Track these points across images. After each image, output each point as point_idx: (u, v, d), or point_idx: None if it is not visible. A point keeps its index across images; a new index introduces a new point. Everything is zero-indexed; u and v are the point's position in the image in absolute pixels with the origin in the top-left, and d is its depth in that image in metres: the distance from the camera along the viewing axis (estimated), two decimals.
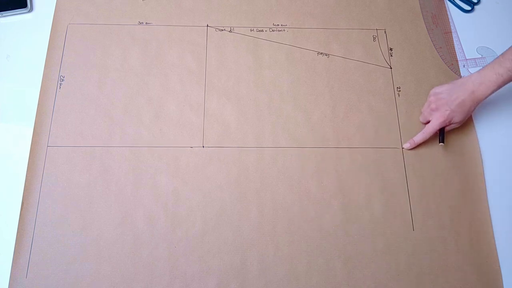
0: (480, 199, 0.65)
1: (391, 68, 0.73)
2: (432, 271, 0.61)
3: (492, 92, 0.62)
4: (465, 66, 0.74)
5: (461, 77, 0.73)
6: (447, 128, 0.67)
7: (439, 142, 0.66)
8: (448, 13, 0.79)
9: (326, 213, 0.64)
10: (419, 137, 0.67)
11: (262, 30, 0.75)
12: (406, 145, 0.68)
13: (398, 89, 0.72)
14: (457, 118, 0.65)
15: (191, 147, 0.67)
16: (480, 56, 0.75)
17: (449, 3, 0.80)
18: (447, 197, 0.65)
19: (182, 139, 0.67)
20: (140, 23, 0.75)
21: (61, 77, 0.70)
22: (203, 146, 0.67)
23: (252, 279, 0.60)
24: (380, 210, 0.64)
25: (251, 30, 0.75)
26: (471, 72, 0.74)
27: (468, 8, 0.79)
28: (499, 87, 0.62)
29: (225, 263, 0.61)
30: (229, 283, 0.60)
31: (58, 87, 0.69)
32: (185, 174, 0.65)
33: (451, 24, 0.78)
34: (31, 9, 0.76)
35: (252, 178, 0.65)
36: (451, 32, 0.77)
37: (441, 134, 0.66)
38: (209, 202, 0.64)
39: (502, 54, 0.61)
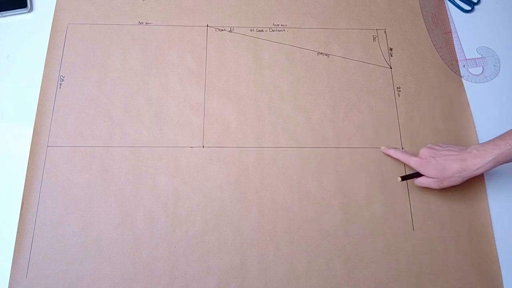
0: (480, 199, 0.65)
1: (391, 68, 0.73)
2: (432, 271, 0.61)
3: (486, 167, 0.56)
4: (465, 66, 0.74)
5: (461, 77, 0.73)
6: (418, 181, 0.63)
7: (399, 176, 0.63)
8: (448, 13, 0.79)
9: (326, 213, 0.64)
10: (393, 153, 0.66)
11: (262, 30, 0.75)
12: (383, 148, 0.67)
13: (398, 89, 0.72)
14: (431, 171, 0.60)
15: (191, 147, 0.67)
16: (480, 56, 0.75)
17: (449, 3, 0.80)
18: (447, 197, 0.65)
19: (182, 139, 0.67)
20: (140, 23, 0.75)
21: (61, 77, 0.70)
22: (203, 146, 0.67)
23: (252, 279, 0.60)
24: (380, 210, 0.64)
25: (251, 30, 0.75)
26: (471, 72, 0.74)
27: (468, 8, 0.79)
28: (496, 161, 0.55)
29: (225, 263, 0.61)
30: (229, 283, 0.60)
31: (58, 87, 0.69)
32: (185, 174, 0.65)
33: (451, 24, 0.78)
34: (31, 9, 0.76)
35: (252, 178, 0.65)
36: (451, 32, 0.77)
37: (410, 175, 0.63)
38: (209, 202, 0.64)
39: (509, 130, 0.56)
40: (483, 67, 0.74)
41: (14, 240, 0.60)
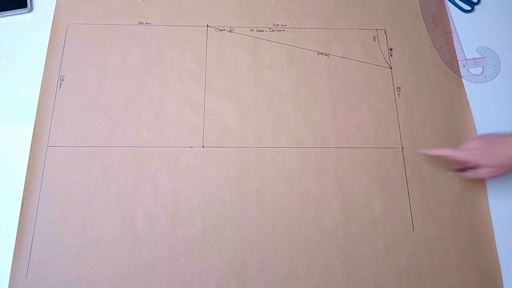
0: (480, 199, 0.65)
1: (391, 68, 0.73)
2: (432, 271, 0.61)
3: None
4: (465, 66, 0.74)
5: (461, 77, 0.73)
6: (471, 174, 0.62)
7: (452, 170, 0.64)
8: (448, 13, 0.79)
9: (326, 213, 0.64)
10: (438, 151, 0.65)
11: (262, 30, 0.75)
12: (425, 150, 0.66)
13: (398, 89, 0.72)
14: (485, 161, 0.58)
15: (191, 147, 0.67)
16: (480, 56, 0.75)
17: (449, 3, 0.80)
18: (447, 197, 0.65)
19: (182, 139, 0.67)
20: (140, 23, 0.75)
21: (61, 77, 0.70)
22: (203, 146, 0.67)
23: (252, 279, 0.60)
24: (380, 210, 0.64)
25: (251, 30, 0.75)
26: (471, 72, 0.74)
27: (468, 8, 0.79)
28: None
29: (225, 263, 0.61)
30: (229, 283, 0.60)
31: (58, 87, 0.69)
32: (185, 174, 0.65)
33: (451, 24, 0.78)
34: (31, 9, 0.76)
35: (252, 178, 0.65)
36: (451, 32, 0.77)
37: (461, 169, 0.64)
38: (209, 202, 0.64)
39: None
40: (483, 67, 0.74)
41: (14, 240, 0.61)
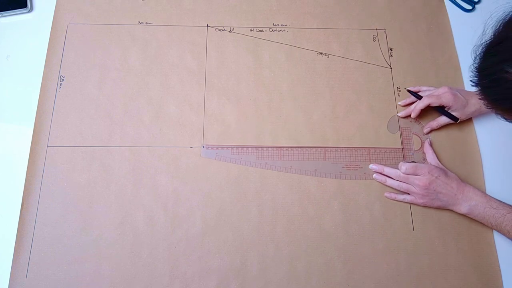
0: None
1: (391, 68, 0.73)
2: (432, 271, 0.61)
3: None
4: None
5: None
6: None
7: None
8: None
9: (326, 213, 0.64)
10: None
11: (262, 30, 0.75)
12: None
13: (398, 89, 0.72)
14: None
15: (191, 147, 0.67)
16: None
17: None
18: None
19: (182, 139, 0.67)
20: (140, 23, 0.75)
21: (61, 77, 0.70)
22: (203, 146, 0.67)
23: (252, 279, 0.60)
24: (380, 210, 0.64)
25: (251, 30, 0.75)
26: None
27: (469, 7, 0.79)
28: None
29: (225, 263, 0.61)
30: (229, 283, 0.60)
31: (58, 87, 0.69)
32: (185, 174, 0.65)
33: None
34: (31, 9, 0.76)
35: (252, 178, 0.65)
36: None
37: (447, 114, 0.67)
38: (209, 202, 0.64)
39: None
40: None
41: (14, 240, 0.61)
